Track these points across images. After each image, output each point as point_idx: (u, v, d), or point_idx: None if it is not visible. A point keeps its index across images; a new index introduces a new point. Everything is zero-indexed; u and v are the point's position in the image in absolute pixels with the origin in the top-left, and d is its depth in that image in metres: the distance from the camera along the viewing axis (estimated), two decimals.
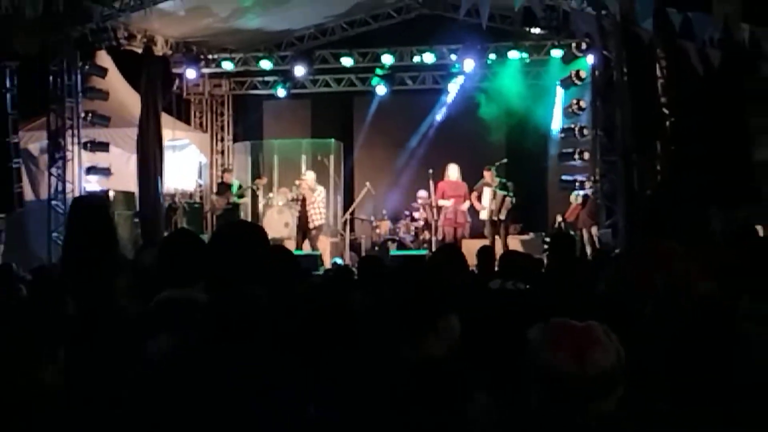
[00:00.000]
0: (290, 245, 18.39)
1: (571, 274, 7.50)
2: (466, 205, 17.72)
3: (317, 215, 17.98)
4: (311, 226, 17.93)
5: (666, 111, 14.31)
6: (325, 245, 18.61)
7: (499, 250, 14.33)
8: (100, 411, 3.15)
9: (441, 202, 17.90)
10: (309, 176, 18.59)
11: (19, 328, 3.76)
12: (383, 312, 4.02)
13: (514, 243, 17.22)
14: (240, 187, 19.54)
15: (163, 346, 3.00)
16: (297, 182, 18.69)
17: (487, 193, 17.55)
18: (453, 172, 18.03)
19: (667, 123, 14.29)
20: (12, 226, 17.08)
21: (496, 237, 17.27)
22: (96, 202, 6.52)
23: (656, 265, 4.02)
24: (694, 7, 7.55)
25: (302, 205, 18.16)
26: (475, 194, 17.75)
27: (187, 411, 2.60)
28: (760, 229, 14.15)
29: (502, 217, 17.36)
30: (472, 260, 8.67)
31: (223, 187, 19.03)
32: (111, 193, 16.88)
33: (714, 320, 3.35)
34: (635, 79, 14.48)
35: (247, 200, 19.95)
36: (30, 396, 3.58)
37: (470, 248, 11.04)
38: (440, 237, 17.79)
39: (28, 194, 17.47)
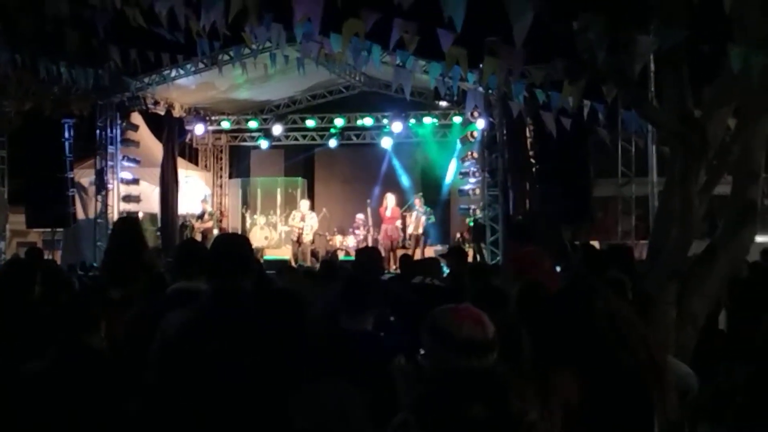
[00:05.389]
0: (270, 253, 18.37)
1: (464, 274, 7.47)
2: (398, 224, 17.68)
3: (308, 234, 17.63)
4: (304, 240, 17.54)
5: (532, 160, 14.51)
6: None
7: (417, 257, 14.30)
8: (135, 363, 3.15)
9: (383, 226, 17.67)
10: (303, 205, 18.14)
11: (73, 307, 3.73)
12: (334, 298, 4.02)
13: (429, 252, 17.21)
14: (211, 212, 19.31)
15: (178, 318, 3.00)
16: (297, 211, 17.98)
17: (413, 216, 17.67)
18: (391, 200, 17.81)
19: (533, 168, 14.48)
20: (68, 237, 17.22)
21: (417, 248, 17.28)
22: (132, 220, 6.48)
23: (522, 265, 4.08)
24: (552, 89, 7.73)
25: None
26: (407, 214, 17.92)
27: (194, 362, 2.62)
28: (596, 243, 14.42)
29: (420, 232, 17.43)
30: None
31: (202, 214, 18.84)
32: (140, 214, 16.69)
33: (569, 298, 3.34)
34: (511, 137, 14.69)
35: (214, 221, 19.17)
36: (83, 354, 3.56)
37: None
38: (380, 247, 17.57)
39: (80, 214, 17.31)
